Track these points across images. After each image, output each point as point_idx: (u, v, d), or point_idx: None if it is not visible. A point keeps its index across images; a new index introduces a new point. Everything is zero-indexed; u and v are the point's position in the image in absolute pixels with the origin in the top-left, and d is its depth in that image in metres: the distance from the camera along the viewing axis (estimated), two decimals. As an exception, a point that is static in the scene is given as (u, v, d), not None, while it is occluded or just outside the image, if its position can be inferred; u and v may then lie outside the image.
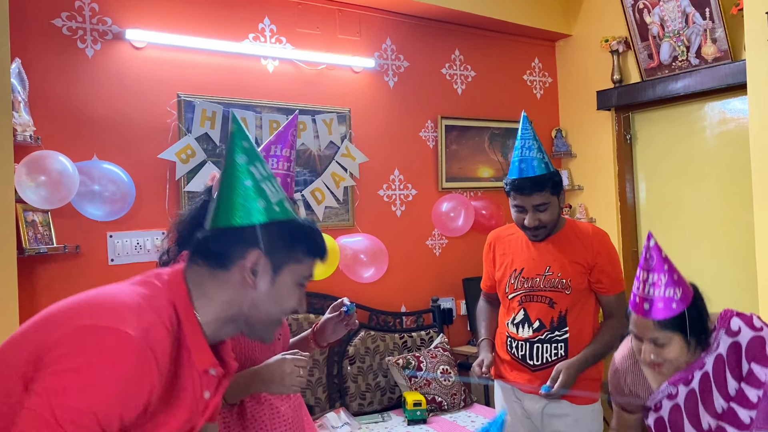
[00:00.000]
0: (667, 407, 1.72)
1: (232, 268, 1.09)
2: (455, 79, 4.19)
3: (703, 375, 1.67)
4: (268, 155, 1.49)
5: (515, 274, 2.28)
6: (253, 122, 3.31)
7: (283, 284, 1.12)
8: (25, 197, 2.56)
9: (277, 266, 1.10)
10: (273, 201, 1.11)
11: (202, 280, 1.09)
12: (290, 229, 1.12)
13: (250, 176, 1.10)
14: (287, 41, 3.49)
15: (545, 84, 4.65)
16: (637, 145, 4.32)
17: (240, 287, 1.09)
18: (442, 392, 3.46)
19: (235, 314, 1.11)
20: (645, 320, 1.64)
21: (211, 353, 1.09)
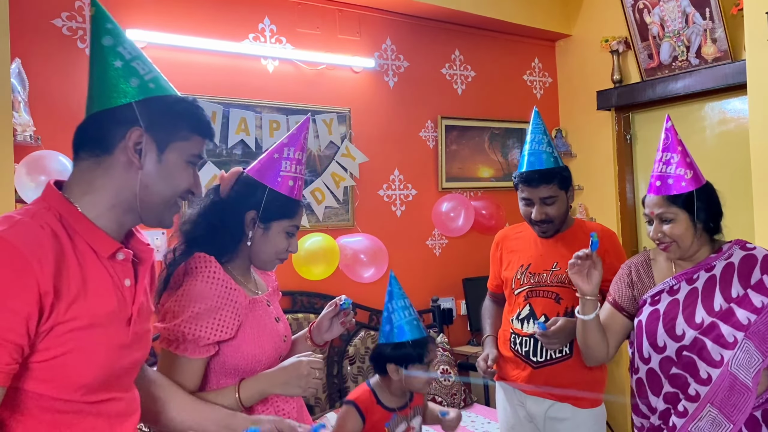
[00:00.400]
0: (665, 301, 1.78)
1: (116, 151, 1.07)
2: (455, 79, 4.19)
3: (710, 277, 1.73)
4: (281, 157, 1.51)
5: (522, 270, 2.27)
6: (253, 122, 3.31)
7: (172, 162, 1.11)
8: (25, 197, 2.55)
9: (162, 143, 1.09)
10: (146, 78, 1.09)
11: (88, 173, 1.07)
12: (170, 104, 1.11)
13: (119, 57, 1.08)
14: (287, 41, 3.49)
15: (545, 84, 4.65)
16: (637, 145, 4.33)
17: (127, 169, 1.07)
18: (442, 392, 3.45)
19: (128, 200, 1.08)
20: (655, 198, 1.76)
21: (109, 239, 1.07)
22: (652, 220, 1.78)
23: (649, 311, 1.79)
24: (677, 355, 1.72)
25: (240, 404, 1.38)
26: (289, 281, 3.35)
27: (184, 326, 1.35)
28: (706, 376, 1.66)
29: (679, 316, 1.73)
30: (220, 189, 1.51)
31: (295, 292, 3.41)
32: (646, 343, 1.78)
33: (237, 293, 1.43)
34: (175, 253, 1.48)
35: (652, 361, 1.78)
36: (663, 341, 1.74)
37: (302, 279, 3.37)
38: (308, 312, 3.37)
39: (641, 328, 1.80)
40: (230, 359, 1.43)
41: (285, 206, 1.49)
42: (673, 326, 1.73)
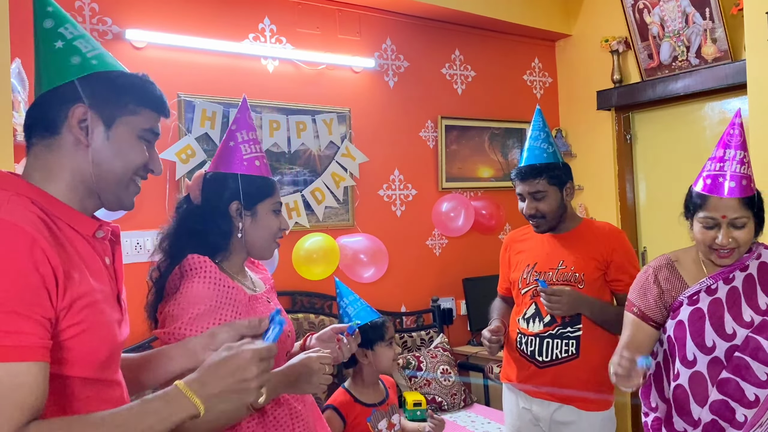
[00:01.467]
0: (706, 300, 1.67)
1: (62, 131, 1.04)
2: (455, 79, 4.19)
3: (747, 276, 1.67)
4: (238, 143, 1.50)
5: (528, 269, 2.28)
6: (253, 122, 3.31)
7: (121, 137, 1.07)
8: (25, 197, 2.55)
9: (108, 119, 1.06)
10: (89, 56, 1.06)
11: (43, 159, 1.05)
12: (114, 79, 1.08)
13: (59, 37, 1.06)
14: (287, 41, 3.49)
15: (545, 84, 4.65)
16: (637, 145, 4.32)
17: (76, 148, 1.05)
18: (442, 392, 3.46)
19: (85, 181, 1.06)
20: (728, 200, 1.60)
21: (87, 218, 1.06)
22: (715, 225, 1.62)
23: (689, 311, 1.68)
24: (727, 357, 1.62)
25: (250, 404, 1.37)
26: (288, 281, 3.35)
27: (185, 329, 1.34)
28: (765, 377, 1.57)
29: (726, 315, 1.64)
30: (190, 197, 1.50)
31: (295, 292, 3.41)
32: (691, 343, 1.66)
33: (236, 291, 1.41)
34: (160, 269, 1.45)
35: (698, 363, 1.65)
36: (712, 340, 1.63)
37: (302, 279, 3.37)
38: (308, 312, 3.37)
39: (683, 328, 1.68)
40: None
41: (262, 186, 1.49)
42: (722, 324, 1.63)
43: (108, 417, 0.92)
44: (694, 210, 1.68)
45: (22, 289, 0.88)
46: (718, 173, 1.63)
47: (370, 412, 1.89)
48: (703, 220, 1.64)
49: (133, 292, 3.22)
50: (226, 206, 1.46)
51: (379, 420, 1.90)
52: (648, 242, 4.23)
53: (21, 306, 0.88)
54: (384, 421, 1.92)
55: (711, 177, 1.64)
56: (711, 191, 1.63)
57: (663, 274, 1.77)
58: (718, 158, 1.65)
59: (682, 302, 1.70)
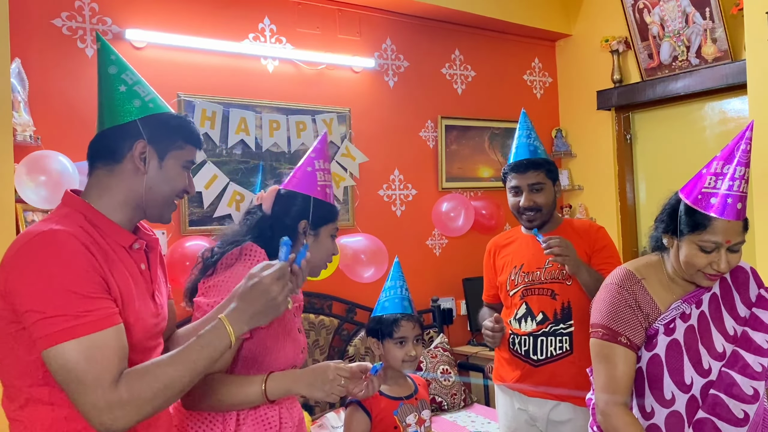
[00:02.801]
0: (681, 328, 1.53)
1: (124, 160, 1.29)
2: (455, 79, 4.19)
3: (712, 296, 1.58)
4: (315, 169, 1.67)
5: (516, 271, 2.29)
6: (253, 122, 3.31)
7: (170, 167, 1.33)
8: (25, 197, 2.55)
9: (162, 152, 1.31)
10: (146, 100, 1.32)
11: (103, 180, 1.30)
12: (167, 120, 1.33)
13: (123, 83, 1.32)
14: (287, 41, 3.49)
15: (545, 84, 4.65)
16: (637, 145, 4.33)
17: (134, 174, 1.30)
18: (442, 392, 3.46)
19: (136, 199, 1.30)
20: (735, 224, 1.46)
21: (127, 232, 1.30)
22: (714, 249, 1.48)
23: (666, 342, 1.53)
24: (702, 395, 1.50)
25: (264, 395, 1.43)
26: (289, 281, 3.35)
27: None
28: (742, 415, 1.46)
29: (701, 347, 1.51)
30: (263, 207, 1.64)
31: (295, 292, 3.41)
32: (669, 380, 1.52)
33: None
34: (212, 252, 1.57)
35: (677, 402, 1.52)
36: (690, 377, 1.50)
37: (302, 279, 3.36)
38: (308, 312, 3.37)
39: (659, 363, 1.53)
40: (255, 350, 1.49)
41: (329, 212, 1.66)
42: (699, 359, 1.51)
43: (176, 354, 1.19)
44: (691, 230, 1.50)
45: (88, 278, 1.14)
46: (727, 193, 1.46)
47: (396, 405, 1.85)
48: (704, 243, 1.47)
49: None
50: (295, 222, 1.61)
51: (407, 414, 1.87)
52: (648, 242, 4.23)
53: (92, 289, 1.14)
54: (412, 416, 1.88)
55: (719, 196, 1.46)
56: (720, 213, 1.45)
57: (639, 295, 1.57)
58: (729, 176, 1.47)
59: (658, 330, 1.54)
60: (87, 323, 1.11)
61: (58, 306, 1.10)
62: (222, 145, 3.24)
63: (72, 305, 1.11)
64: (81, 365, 1.10)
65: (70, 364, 1.09)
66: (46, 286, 1.11)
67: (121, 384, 1.12)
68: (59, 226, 1.17)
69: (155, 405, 1.15)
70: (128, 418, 1.12)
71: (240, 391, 1.42)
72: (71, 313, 1.10)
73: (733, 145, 1.49)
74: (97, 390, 1.10)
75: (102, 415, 1.10)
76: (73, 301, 1.11)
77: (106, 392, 1.10)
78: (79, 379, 1.10)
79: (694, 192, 1.52)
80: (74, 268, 1.13)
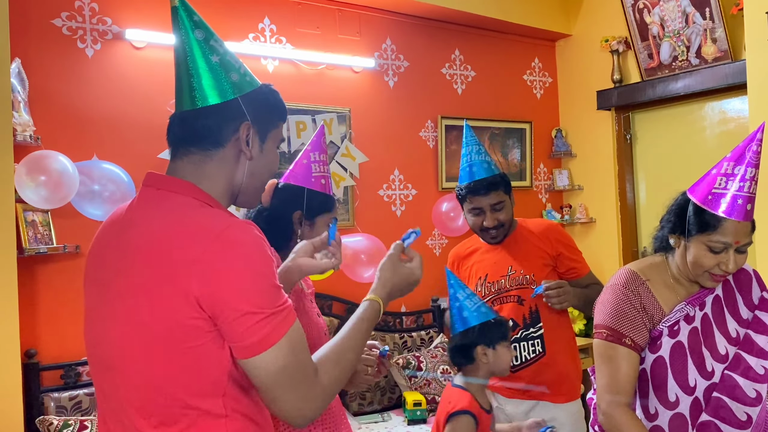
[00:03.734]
0: (685, 330, 1.53)
1: (228, 144, 1.11)
2: (455, 79, 4.19)
3: (715, 298, 1.58)
4: (310, 162, 1.71)
5: (480, 282, 2.32)
6: (253, 122, 3.31)
7: (270, 150, 1.19)
8: (25, 197, 2.55)
9: (263, 134, 1.16)
10: (242, 72, 1.13)
11: (203, 167, 1.11)
12: (266, 97, 1.17)
13: (215, 51, 1.11)
14: (287, 41, 3.49)
15: (545, 84, 4.65)
16: (637, 145, 4.32)
17: (237, 160, 1.13)
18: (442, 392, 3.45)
19: (237, 186, 1.15)
20: (744, 225, 1.46)
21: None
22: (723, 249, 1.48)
23: (671, 344, 1.52)
24: (705, 398, 1.50)
25: None
26: (289, 281, 3.35)
27: None
28: (745, 417, 1.46)
29: (704, 349, 1.51)
30: (261, 200, 1.67)
31: (295, 292, 3.41)
32: (673, 382, 1.52)
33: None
34: None
35: (681, 404, 1.51)
36: (694, 379, 1.51)
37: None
38: (308, 312, 3.37)
39: (663, 365, 1.53)
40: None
41: (324, 202, 1.71)
42: (703, 361, 1.51)
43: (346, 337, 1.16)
44: (700, 230, 1.49)
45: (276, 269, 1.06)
46: (737, 194, 1.46)
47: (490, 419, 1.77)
48: (714, 244, 1.47)
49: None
50: (290, 214, 1.66)
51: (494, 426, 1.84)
52: (648, 242, 4.23)
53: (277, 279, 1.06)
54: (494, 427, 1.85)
55: (729, 197, 1.47)
56: (730, 214, 1.45)
57: (644, 297, 1.56)
58: (739, 177, 1.47)
59: (662, 332, 1.54)
60: (287, 316, 1.04)
61: (272, 303, 1.02)
62: (222, 145, 3.24)
63: (276, 300, 1.03)
64: (291, 360, 1.02)
65: (286, 364, 1.01)
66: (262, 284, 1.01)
67: (320, 373, 1.08)
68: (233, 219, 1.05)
69: (339, 388, 1.13)
70: (324, 405, 1.09)
71: None
72: (277, 309, 1.02)
73: (744, 146, 1.50)
74: (306, 382, 1.04)
75: (306, 407, 1.05)
76: (276, 296, 1.03)
77: (313, 383, 1.05)
78: (292, 376, 1.02)
79: (703, 192, 1.52)
80: (270, 259, 1.05)
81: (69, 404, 2.62)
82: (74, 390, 2.67)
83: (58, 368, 2.74)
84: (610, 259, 4.30)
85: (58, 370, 2.74)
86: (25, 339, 2.63)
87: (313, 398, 1.05)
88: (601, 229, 4.38)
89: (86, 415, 2.62)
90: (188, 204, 1.07)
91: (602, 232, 4.39)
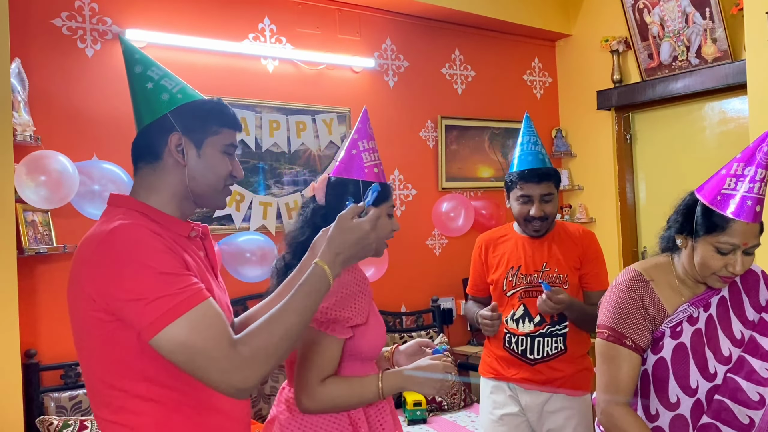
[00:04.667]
0: (688, 332, 1.52)
1: (164, 156, 1.29)
2: (455, 79, 4.19)
3: (720, 299, 1.57)
4: (359, 151, 1.67)
5: (513, 272, 2.31)
6: (253, 122, 3.31)
7: (209, 155, 1.31)
8: (25, 197, 2.55)
9: (198, 141, 1.30)
10: (174, 91, 1.31)
11: (148, 179, 1.30)
12: (197, 108, 1.31)
13: (149, 79, 1.31)
14: (287, 41, 3.49)
15: (545, 84, 4.65)
16: (637, 145, 4.32)
17: (175, 168, 1.29)
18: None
19: (182, 191, 1.30)
20: (753, 226, 1.46)
21: (183, 221, 1.32)
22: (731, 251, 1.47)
23: (673, 345, 1.52)
24: (707, 399, 1.50)
25: (381, 393, 1.50)
26: (289, 281, 3.35)
27: (335, 309, 1.49)
28: (747, 420, 1.46)
29: (707, 351, 1.51)
30: (316, 197, 1.65)
31: (295, 292, 3.41)
32: (675, 384, 1.51)
33: (366, 281, 1.60)
34: (285, 259, 1.62)
35: (682, 406, 1.51)
36: (696, 381, 1.50)
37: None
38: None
39: (664, 366, 1.52)
40: (359, 344, 1.54)
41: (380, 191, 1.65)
42: (705, 363, 1.50)
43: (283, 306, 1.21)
44: (708, 231, 1.49)
45: (172, 257, 1.17)
46: (746, 195, 1.45)
47: None
48: (721, 245, 1.46)
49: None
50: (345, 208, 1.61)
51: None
52: (648, 242, 4.23)
53: (178, 268, 1.17)
54: None
55: (738, 198, 1.46)
56: (738, 215, 1.44)
57: (647, 297, 1.56)
58: (749, 178, 1.46)
59: (664, 333, 1.54)
60: (187, 299, 1.14)
61: (157, 289, 1.12)
62: (222, 145, 3.24)
63: (168, 286, 1.13)
64: (195, 337, 1.12)
65: (186, 340, 1.11)
66: (138, 273, 1.12)
67: (239, 344, 1.15)
68: (126, 220, 1.19)
69: (278, 356, 1.19)
70: (256, 373, 1.15)
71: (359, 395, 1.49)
72: (170, 293, 1.12)
73: (754, 148, 1.48)
74: (221, 355, 1.13)
75: (232, 378, 1.13)
76: (168, 282, 1.13)
77: (229, 355, 1.13)
78: (200, 350, 1.12)
79: (712, 193, 1.51)
80: (158, 251, 1.16)
81: (69, 404, 2.62)
82: (74, 390, 2.67)
83: (58, 368, 2.74)
84: (610, 259, 4.28)
85: (58, 370, 2.74)
86: (25, 339, 2.63)
87: (237, 368, 1.13)
88: (601, 229, 4.38)
89: (86, 415, 2.62)
90: (108, 213, 1.26)
91: (602, 232, 4.39)
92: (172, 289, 1.13)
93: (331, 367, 1.48)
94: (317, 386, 1.45)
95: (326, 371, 1.47)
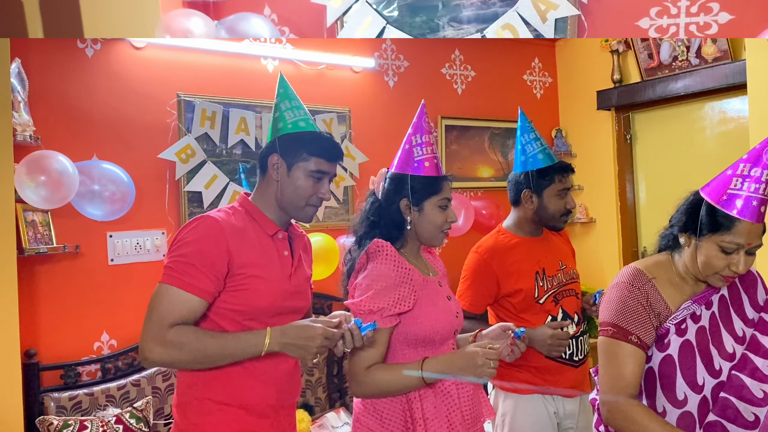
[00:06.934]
0: (692, 329, 1.53)
1: (268, 170, 1.63)
2: (455, 79, 4.19)
3: (720, 297, 1.57)
4: (412, 146, 1.77)
5: (541, 276, 2.18)
6: (252, 122, 3.31)
7: (296, 176, 1.61)
8: (25, 197, 2.56)
9: (290, 164, 1.61)
10: (289, 122, 1.65)
11: (261, 185, 1.66)
12: (297, 137, 1.63)
13: (277, 109, 1.68)
14: (287, 41, 3.49)
15: (545, 84, 4.65)
16: (637, 145, 4.32)
17: (273, 182, 1.63)
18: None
19: (276, 202, 1.63)
20: (758, 226, 1.47)
21: (272, 223, 1.63)
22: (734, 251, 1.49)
23: (679, 342, 1.52)
24: (713, 397, 1.50)
25: (423, 380, 1.58)
26: (289, 281, 3.35)
27: (370, 301, 1.58)
28: (753, 418, 1.46)
29: (712, 347, 1.52)
30: (375, 191, 1.77)
31: (295, 292, 3.41)
32: (682, 381, 1.51)
33: (412, 272, 1.64)
34: (351, 252, 1.76)
35: (689, 403, 1.51)
36: (702, 378, 1.50)
37: (302, 279, 3.36)
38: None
39: (671, 363, 1.52)
40: (410, 330, 1.62)
41: (429, 185, 1.73)
42: (711, 360, 1.51)
43: (219, 335, 1.48)
44: (713, 230, 1.49)
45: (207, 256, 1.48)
46: (752, 195, 1.46)
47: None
48: (726, 245, 1.47)
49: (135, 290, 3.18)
50: (398, 203, 1.72)
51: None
52: (648, 242, 4.23)
53: (204, 265, 1.47)
54: None
55: (743, 198, 1.47)
56: (743, 215, 1.45)
57: (651, 295, 1.56)
58: (755, 178, 1.47)
59: (669, 330, 1.54)
60: (181, 280, 1.46)
61: (176, 263, 1.48)
62: (222, 145, 3.24)
63: (182, 267, 1.47)
64: (158, 302, 1.46)
65: (157, 298, 1.46)
66: (178, 248, 1.50)
67: (173, 330, 1.43)
68: (216, 214, 1.55)
69: (185, 359, 1.47)
70: (161, 356, 1.44)
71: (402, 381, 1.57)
72: (179, 270, 1.47)
73: (761, 148, 1.48)
74: (156, 324, 1.44)
75: (146, 344, 1.43)
76: (184, 266, 1.47)
77: (161, 329, 1.43)
78: (152, 311, 1.45)
79: (718, 192, 1.51)
80: (200, 245, 1.49)
81: (69, 404, 2.62)
82: (74, 390, 2.67)
83: (58, 368, 2.74)
84: (610, 259, 4.31)
85: (58, 370, 2.74)
86: (25, 339, 2.63)
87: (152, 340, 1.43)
88: (601, 229, 4.38)
89: (86, 415, 2.62)
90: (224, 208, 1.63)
91: (602, 232, 4.39)
92: (182, 270, 1.46)
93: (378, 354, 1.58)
94: (363, 373, 1.56)
95: (372, 359, 1.57)
